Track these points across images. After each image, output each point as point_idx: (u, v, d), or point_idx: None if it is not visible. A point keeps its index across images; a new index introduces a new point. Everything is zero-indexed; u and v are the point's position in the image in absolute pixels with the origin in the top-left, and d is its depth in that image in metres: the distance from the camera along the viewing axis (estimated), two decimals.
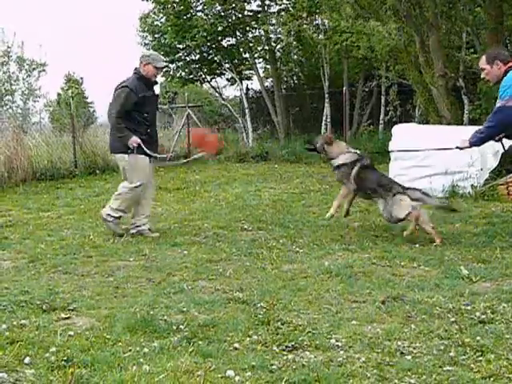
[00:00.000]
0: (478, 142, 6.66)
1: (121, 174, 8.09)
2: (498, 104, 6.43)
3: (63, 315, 4.74)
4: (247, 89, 23.91)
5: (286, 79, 24.92)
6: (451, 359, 3.74)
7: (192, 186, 12.78)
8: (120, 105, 7.58)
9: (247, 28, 21.92)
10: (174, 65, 23.25)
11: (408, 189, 7.18)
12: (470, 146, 6.74)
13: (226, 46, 22.53)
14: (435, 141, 10.50)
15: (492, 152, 9.66)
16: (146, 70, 7.68)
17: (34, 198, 11.56)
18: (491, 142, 6.78)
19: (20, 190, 12.44)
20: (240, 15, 21.40)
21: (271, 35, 21.94)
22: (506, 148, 6.98)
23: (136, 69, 7.74)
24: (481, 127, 6.67)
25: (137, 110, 7.61)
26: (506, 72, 6.45)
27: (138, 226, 7.92)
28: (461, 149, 6.84)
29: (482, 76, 6.87)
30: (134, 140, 7.55)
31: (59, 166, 14.32)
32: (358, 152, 7.69)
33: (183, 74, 23.37)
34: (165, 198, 11.25)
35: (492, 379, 3.47)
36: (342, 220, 8.05)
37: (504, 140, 6.81)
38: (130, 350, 3.96)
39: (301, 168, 15.80)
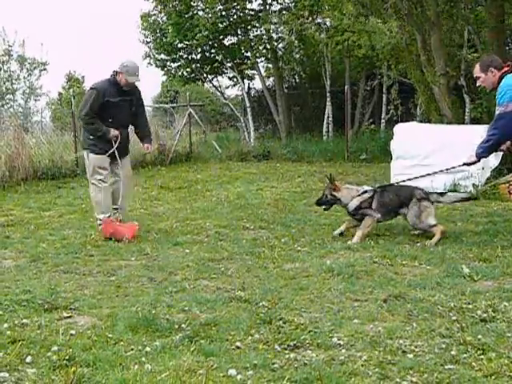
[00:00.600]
0: (485, 152, 6.66)
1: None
2: (498, 111, 6.47)
3: (65, 314, 4.74)
4: (249, 88, 23.94)
5: (287, 78, 24.94)
6: (453, 358, 3.74)
7: (194, 185, 12.79)
8: (87, 106, 7.89)
9: (249, 27, 21.95)
10: (175, 64, 23.28)
11: (429, 193, 7.24)
12: (479, 160, 6.74)
13: (227, 44, 22.55)
14: (437, 140, 10.56)
15: None
16: (120, 78, 7.93)
17: (36, 197, 11.57)
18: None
19: (21, 189, 12.45)
20: (241, 14, 21.43)
21: (273, 34, 21.96)
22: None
23: (113, 72, 7.97)
24: (484, 137, 6.66)
25: (101, 113, 7.89)
26: (500, 78, 6.48)
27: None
28: (468, 164, 6.92)
29: (477, 84, 6.90)
30: (114, 135, 7.94)
31: (60, 165, 14.32)
32: (366, 187, 7.56)
33: (185, 72, 23.40)
34: (166, 197, 11.26)
35: (493, 377, 3.47)
36: (343, 219, 8.03)
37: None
38: (132, 349, 3.97)
39: (302, 167, 15.80)
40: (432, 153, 10.32)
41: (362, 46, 16.82)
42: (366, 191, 7.39)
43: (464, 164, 6.95)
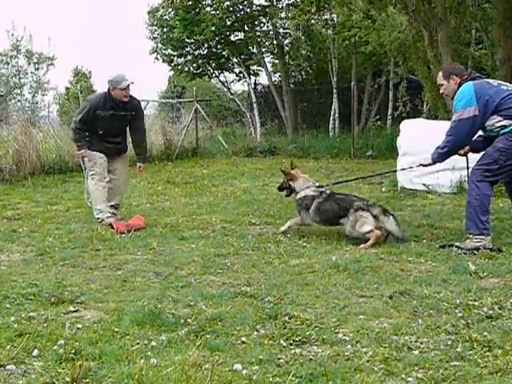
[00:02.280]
0: (439, 158, 6.69)
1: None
2: (453, 117, 6.46)
3: (71, 308, 4.75)
4: (255, 83, 23.93)
5: (294, 74, 24.91)
6: (458, 354, 3.73)
7: (200, 181, 12.80)
8: (80, 117, 8.27)
9: (256, 22, 21.91)
10: (182, 59, 23.28)
11: (372, 206, 7.01)
12: (434, 163, 6.77)
13: (234, 40, 22.54)
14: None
15: None
16: (115, 94, 8.18)
17: (43, 192, 11.59)
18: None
19: (28, 184, 12.46)
20: (249, 10, 21.39)
21: (279, 30, 21.93)
22: (470, 164, 6.94)
23: (108, 88, 8.25)
24: (440, 143, 6.66)
25: (92, 123, 8.25)
26: (459, 85, 6.46)
27: (100, 213, 8.35)
28: (424, 166, 6.92)
29: (440, 92, 6.90)
30: (79, 154, 8.53)
31: (67, 160, 14.33)
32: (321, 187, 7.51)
33: (191, 68, 23.39)
34: (172, 192, 11.26)
35: (499, 374, 3.46)
36: None
37: (470, 154, 6.87)
38: (138, 344, 3.98)
39: (309, 163, 15.80)
40: None
41: (369, 42, 16.77)
42: (318, 187, 7.45)
43: (420, 165, 6.98)
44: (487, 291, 4.93)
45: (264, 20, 21.69)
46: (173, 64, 23.63)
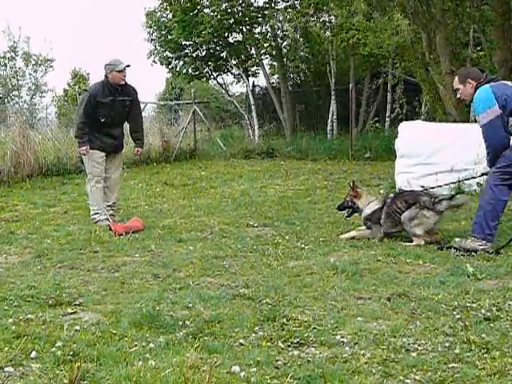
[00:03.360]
0: (491, 164, 6.61)
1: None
2: (479, 123, 6.43)
3: (69, 310, 4.76)
4: (253, 85, 23.91)
5: (292, 76, 24.91)
6: (456, 356, 3.74)
7: (198, 183, 12.80)
8: (82, 109, 8.36)
9: (254, 24, 21.90)
10: (180, 61, 23.27)
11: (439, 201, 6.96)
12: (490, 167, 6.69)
13: (232, 42, 22.52)
14: (441, 139, 10.53)
15: None
16: (112, 78, 8.31)
17: (41, 194, 11.59)
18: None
19: (26, 186, 12.45)
20: (246, 11, 21.38)
21: (278, 31, 21.93)
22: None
23: (105, 75, 8.38)
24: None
25: (94, 112, 8.32)
26: (475, 89, 6.45)
27: (96, 214, 8.45)
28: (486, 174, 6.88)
29: (457, 97, 6.89)
30: (82, 150, 8.47)
31: (66, 162, 14.31)
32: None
33: (189, 70, 23.37)
34: (170, 194, 11.26)
35: (497, 376, 3.47)
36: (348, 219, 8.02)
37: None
38: (136, 345, 3.98)
39: (307, 165, 15.80)
40: (436, 152, 10.29)
41: (367, 44, 16.78)
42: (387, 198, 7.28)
43: (482, 174, 7.03)
44: (485, 293, 4.94)
45: (262, 22, 21.68)
46: (171, 66, 23.63)
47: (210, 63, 23.05)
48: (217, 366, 3.66)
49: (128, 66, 8.29)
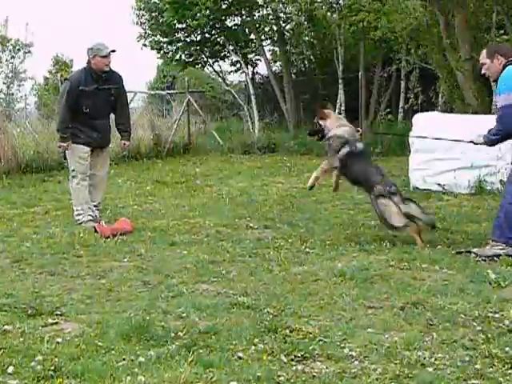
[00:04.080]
0: (490, 143, 6.63)
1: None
2: (498, 103, 6.42)
3: (50, 320, 4.75)
4: (253, 73, 23.91)
5: (295, 63, 24.91)
6: (477, 372, 3.74)
7: (192, 180, 12.80)
8: (63, 99, 8.38)
9: (254, 6, 21.87)
10: (172, 46, 23.26)
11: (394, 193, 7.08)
12: (486, 145, 6.70)
13: (230, 26, 22.51)
14: (461, 132, 10.52)
15: None
16: (95, 63, 8.32)
17: (19, 192, 11.58)
18: None
19: (3, 183, 12.46)
20: None
21: (280, 14, 21.91)
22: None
23: (87, 61, 8.39)
24: (492, 129, 6.59)
25: (76, 103, 8.30)
26: (504, 67, 6.43)
27: (79, 215, 8.45)
28: (474, 143, 6.87)
29: (482, 72, 6.85)
30: (63, 145, 8.56)
31: (47, 157, 14.31)
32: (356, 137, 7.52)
33: (183, 56, 23.36)
34: (162, 193, 11.26)
35: None
36: (356, 218, 8.04)
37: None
38: (124, 359, 3.97)
39: (312, 160, 15.75)
40: (455, 146, 10.27)
41: (378, 27, 16.77)
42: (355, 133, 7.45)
43: (470, 141, 6.95)
44: (509, 302, 4.94)
45: (263, 3, 21.67)
46: (162, 52, 23.63)
47: (205, 49, 23.05)
48: (213, 381, 3.66)
49: (113, 51, 8.31)
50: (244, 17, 22.14)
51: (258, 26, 22.02)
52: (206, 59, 23.70)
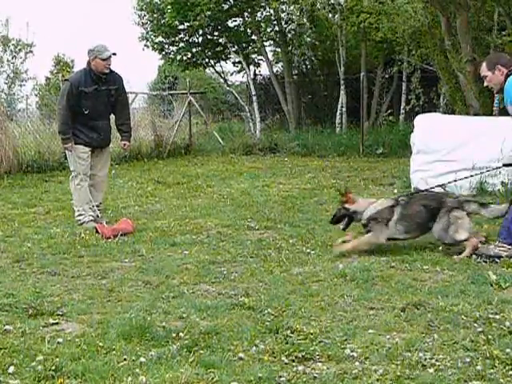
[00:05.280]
0: None
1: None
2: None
3: (51, 320, 4.76)
4: (255, 74, 23.90)
5: (297, 64, 24.86)
6: (478, 373, 3.73)
7: (193, 181, 12.79)
8: (63, 99, 8.41)
9: (255, 7, 21.87)
10: (174, 47, 23.25)
11: (466, 201, 6.78)
12: None
13: (231, 26, 22.50)
14: (462, 133, 10.52)
15: None
16: (95, 65, 8.36)
17: (20, 192, 11.59)
18: None
19: (4, 183, 12.47)
20: None
21: (282, 15, 21.90)
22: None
23: (87, 62, 8.42)
24: None
25: (76, 104, 8.36)
26: (507, 76, 6.43)
27: (80, 215, 8.51)
28: (509, 165, 6.86)
29: (484, 85, 6.86)
30: (66, 147, 8.53)
31: (48, 157, 14.32)
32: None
33: (184, 57, 23.35)
34: (163, 194, 11.26)
35: None
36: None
37: None
38: (125, 360, 3.98)
39: (313, 161, 15.80)
40: (456, 147, 10.28)
41: (380, 28, 16.76)
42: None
43: (504, 165, 6.92)
44: (510, 303, 4.94)
45: (265, 4, 21.65)
46: (164, 52, 23.62)
47: (207, 50, 23.05)
48: (214, 382, 3.66)
49: (114, 54, 8.33)
50: (246, 17, 22.13)
51: (259, 26, 22.00)
52: (207, 60, 23.69)
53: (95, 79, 8.38)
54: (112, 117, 9.01)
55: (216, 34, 22.64)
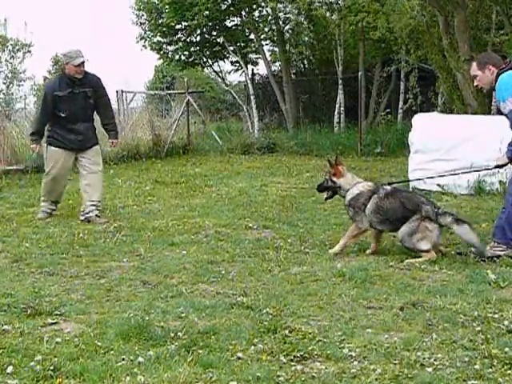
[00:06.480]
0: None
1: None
2: (505, 110, 6.35)
3: (50, 320, 4.75)
4: (253, 73, 23.89)
5: (295, 63, 24.87)
6: (476, 372, 3.74)
7: (192, 180, 12.79)
8: (42, 104, 8.87)
9: (253, 6, 21.86)
10: (172, 47, 23.24)
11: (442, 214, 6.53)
12: (511, 161, 6.60)
13: (229, 26, 22.49)
14: (460, 132, 10.53)
15: None
16: (68, 70, 8.61)
17: (18, 192, 11.58)
18: None
19: (2, 183, 12.45)
20: None
21: (279, 14, 21.89)
22: None
23: (63, 66, 8.77)
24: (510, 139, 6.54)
25: (53, 107, 8.65)
26: (497, 76, 6.41)
27: (86, 214, 8.70)
28: (500, 166, 6.79)
29: (475, 84, 6.84)
30: (32, 147, 9.12)
31: (46, 157, 14.27)
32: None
33: (182, 56, 23.34)
34: (162, 193, 11.25)
35: None
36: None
37: None
38: (123, 359, 3.98)
39: (311, 161, 15.80)
40: (455, 146, 10.30)
41: (378, 27, 16.77)
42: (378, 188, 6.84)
43: (496, 166, 6.86)
44: (508, 303, 4.94)
45: (263, 4, 21.65)
46: (162, 52, 23.60)
47: (205, 49, 23.04)
48: (212, 381, 3.66)
49: (86, 60, 8.55)
50: (243, 17, 22.12)
51: (257, 26, 22.00)
52: (205, 59, 23.68)
53: (69, 83, 8.59)
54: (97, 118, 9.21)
55: (214, 33, 22.64)
